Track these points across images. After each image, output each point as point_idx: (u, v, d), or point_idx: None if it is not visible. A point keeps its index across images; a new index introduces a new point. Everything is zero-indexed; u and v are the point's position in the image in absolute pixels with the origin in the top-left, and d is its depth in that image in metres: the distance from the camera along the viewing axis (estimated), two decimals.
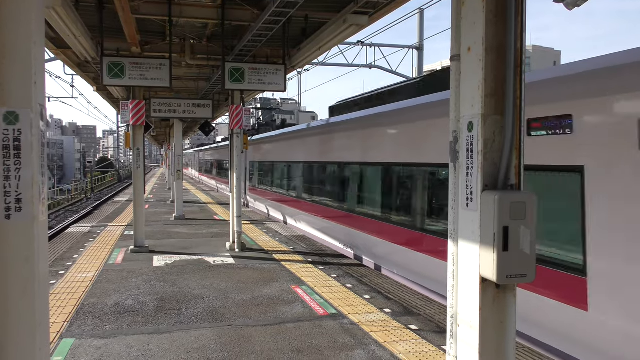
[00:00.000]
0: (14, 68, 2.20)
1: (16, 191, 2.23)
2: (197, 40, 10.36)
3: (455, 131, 3.08)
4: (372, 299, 7.05)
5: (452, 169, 3.14)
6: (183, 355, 5.02)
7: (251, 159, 22.09)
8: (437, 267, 7.42)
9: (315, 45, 8.97)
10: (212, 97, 16.11)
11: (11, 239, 2.23)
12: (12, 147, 2.23)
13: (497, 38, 2.80)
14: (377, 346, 5.28)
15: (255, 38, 8.52)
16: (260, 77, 9.40)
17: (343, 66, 23.90)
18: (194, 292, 7.33)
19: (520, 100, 2.80)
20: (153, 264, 9.25)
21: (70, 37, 8.08)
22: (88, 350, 5.14)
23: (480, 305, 2.80)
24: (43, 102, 2.36)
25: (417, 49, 23.26)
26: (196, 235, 12.80)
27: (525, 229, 2.71)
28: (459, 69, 3.04)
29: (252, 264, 9.31)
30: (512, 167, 2.81)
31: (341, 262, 9.54)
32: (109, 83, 9.19)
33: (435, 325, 5.97)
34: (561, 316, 5.13)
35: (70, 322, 6.01)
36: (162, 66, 9.05)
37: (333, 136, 12.37)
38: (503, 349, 2.84)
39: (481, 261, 2.78)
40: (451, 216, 3.16)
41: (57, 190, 42.78)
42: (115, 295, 7.18)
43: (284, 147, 17.09)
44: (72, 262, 9.33)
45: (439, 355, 5.06)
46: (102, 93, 16.41)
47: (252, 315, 6.30)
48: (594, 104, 4.93)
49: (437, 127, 7.61)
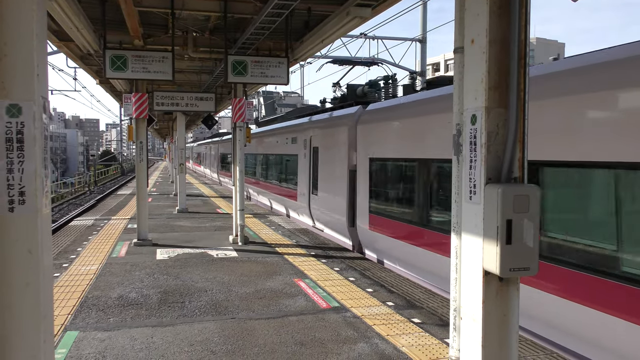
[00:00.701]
0: (16, 61, 2.20)
1: (19, 184, 2.24)
2: (200, 33, 10.33)
3: (458, 124, 3.07)
4: (375, 292, 7.06)
5: (455, 162, 3.13)
6: (186, 348, 5.04)
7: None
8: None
9: (318, 38, 8.94)
10: (214, 90, 16.08)
11: (15, 232, 2.24)
12: (15, 140, 2.23)
13: (500, 30, 2.78)
14: (380, 339, 5.30)
15: (258, 31, 8.49)
16: (263, 70, 9.37)
17: (346, 59, 23.82)
18: (197, 285, 7.36)
19: (524, 93, 2.78)
20: (156, 257, 9.28)
21: (73, 29, 8.07)
22: (92, 342, 5.17)
23: (483, 298, 2.80)
24: (46, 94, 2.35)
25: (420, 41, 23.16)
26: (199, 229, 12.82)
27: (529, 222, 2.70)
28: (462, 62, 3.02)
29: (255, 257, 9.32)
30: (516, 160, 2.80)
31: (344, 256, 9.55)
32: (112, 76, 9.18)
33: (438, 318, 5.98)
34: None
35: (74, 314, 6.03)
36: (165, 59, 9.03)
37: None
38: (506, 342, 2.84)
39: (484, 254, 2.78)
40: (454, 209, 3.15)
41: (60, 183, 42.92)
42: (118, 288, 7.21)
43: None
44: (76, 255, 9.36)
45: (441, 348, 5.07)
46: (105, 86, 16.40)
47: (255, 308, 6.32)
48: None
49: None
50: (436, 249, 7.87)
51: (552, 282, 5.49)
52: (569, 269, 5.26)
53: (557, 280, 5.42)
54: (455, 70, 3.16)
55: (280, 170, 17.50)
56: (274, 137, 18.19)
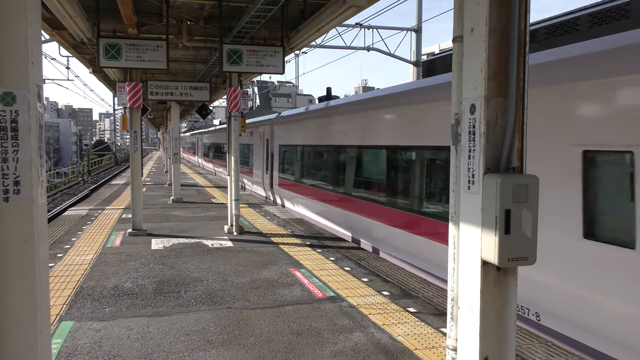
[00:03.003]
0: (10, 48, 2.16)
1: (14, 173, 2.20)
2: (194, 21, 10.24)
3: (457, 113, 3.05)
4: (370, 281, 7.07)
5: (453, 152, 3.12)
6: (182, 338, 5.04)
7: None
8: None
9: (314, 27, 8.88)
10: (209, 80, 15.99)
11: (10, 222, 2.21)
12: (10, 129, 2.20)
13: (500, 19, 2.76)
14: (375, 329, 5.31)
15: (253, 19, 8.42)
16: (258, 59, 9.32)
17: (341, 48, 23.75)
18: (193, 275, 7.34)
19: (523, 82, 2.77)
20: (151, 247, 9.25)
21: (66, 17, 7.97)
22: (87, 332, 5.16)
23: (481, 287, 2.80)
24: (40, 82, 2.32)
25: (416, 31, 23.08)
26: (194, 219, 12.79)
27: (527, 212, 2.70)
28: (461, 51, 3.00)
29: (250, 247, 9.32)
30: (515, 149, 2.79)
31: (339, 245, 9.56)
32: (106, 65, 9.10)
33: (433, 307, 6.00)
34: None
35: (69, 304, 6.01)
36: (159, 48, 8.96)
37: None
38: (504, 332, 2.85)
39: (482, 244, 2.78)
40: (452, 199, 3.15)
41: (54, 173, 42.71)
42: (114, 278, 7.19)
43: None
44: (70, 245, 9.33)
45: (437, 337, 5.09)
46: (99, 75, 16.26)
47: (251, 298, 6.32)
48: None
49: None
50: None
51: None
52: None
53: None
54: (454, 59, 3.13)
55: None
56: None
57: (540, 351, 4.72)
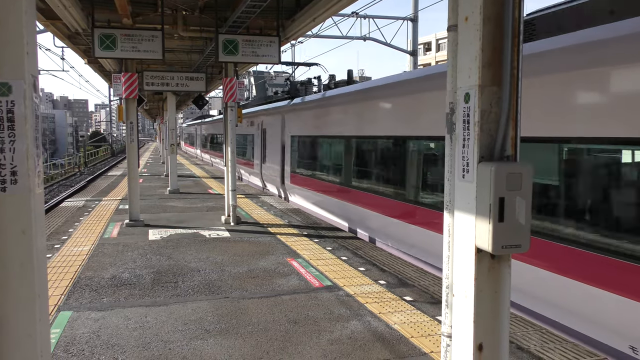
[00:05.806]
0: (5, 38, 2.16)
1: (11, 163, 2.22)
2: (190, 11, 10.19)
3: (451, 102, 3.06)
4: (367, 271, 7.11)
5: (448, 141, 3.13)
6: (180, 327, 5.08)
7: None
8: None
9: (310, 16, 8.85)
10: (205, 70, 15.94)
11: (7, 212, 2.23)
12: (6, 119, 2.20)
13: (494, 7, 2.76)
14: (372, 317, 5.36)
15: (249, 9, 8.39)
16: (254, 49, 9.29)
17: (337, 38, 23.65)
18: (190, 265, 7.38)
19: (517, 71, 2.77)
20: (149, 238, 9.27)
21: (60, 7, 7.93)
22: (86, 322, 5.19)
23: (476, 275, 2.83)
24: (35, 73, 2.32)
25: (412, 20, 23.00)
26: (191, 209, 12.81)
27: (521, 200, 2.72)
28: (455, 40, 3.00)
29: (247, 237, 9.35)
30: (509, 138, 2.80)
31: (336, 235, 9.60)
32: (101, 55, 9.07)
33: (429, 296, 6.05)
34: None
35: (68, 295, 6.04)
36: (155, 38, 8.93)
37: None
38: (498, 318, 2.88)
39: (477, 232, 2.80)
40: (447, 188, 3.17)
41: (50, 164, 42.54)
42: (111, 268, 7.21)
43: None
44: (68, 236, 9.34)
45: (433, 325, 5.14)
46: (94, 66, 16.19)
47: (248, 288, 6.35)
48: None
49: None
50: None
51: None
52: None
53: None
54: (449, 48, 3.14)
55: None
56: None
57: (535, 338, 4.77)
